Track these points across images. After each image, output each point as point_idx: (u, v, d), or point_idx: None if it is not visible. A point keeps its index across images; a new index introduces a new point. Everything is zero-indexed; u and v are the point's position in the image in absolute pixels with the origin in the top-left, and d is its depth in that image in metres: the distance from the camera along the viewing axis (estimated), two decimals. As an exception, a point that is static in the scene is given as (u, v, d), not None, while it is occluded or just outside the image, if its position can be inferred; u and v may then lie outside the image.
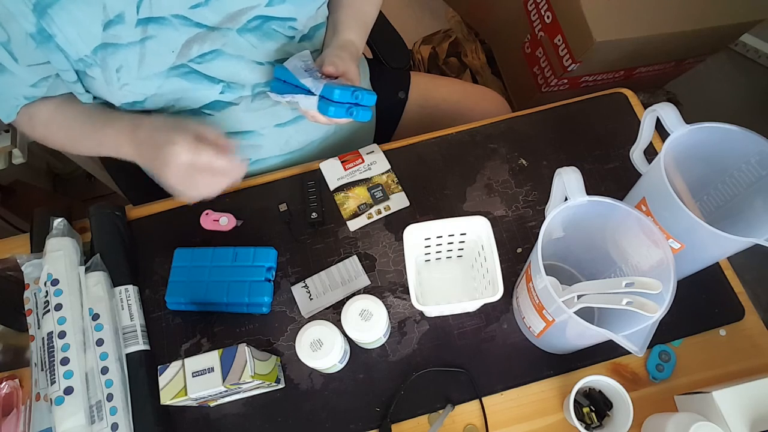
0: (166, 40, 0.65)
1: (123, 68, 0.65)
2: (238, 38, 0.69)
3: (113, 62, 0.64)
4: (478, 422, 0.69)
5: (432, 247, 0.71)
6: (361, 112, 0.66)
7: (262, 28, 0.70)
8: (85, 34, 0.61)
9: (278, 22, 0.71)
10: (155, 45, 0.65)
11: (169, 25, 0.64)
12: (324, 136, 0.88)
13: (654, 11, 1.17)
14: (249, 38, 0.70)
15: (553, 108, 0.88)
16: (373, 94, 0.67)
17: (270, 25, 0.70)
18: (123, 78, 0.66)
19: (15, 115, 0.72)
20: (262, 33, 0.70)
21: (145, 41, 0.64)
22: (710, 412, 0.61)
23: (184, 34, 0.66)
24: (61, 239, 0.73)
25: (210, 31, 0.67)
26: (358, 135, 0.97)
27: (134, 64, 0.65)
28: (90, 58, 0.63)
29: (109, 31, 0.62)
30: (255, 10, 0.68)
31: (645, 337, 0.52)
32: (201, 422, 0.70)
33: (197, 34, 0.67)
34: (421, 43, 1.67)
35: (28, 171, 1.52)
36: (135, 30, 0.63)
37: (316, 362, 0.63)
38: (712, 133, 0.59)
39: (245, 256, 0.76)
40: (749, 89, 1.72)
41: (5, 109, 0.71)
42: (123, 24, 0.62)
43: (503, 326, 0.73)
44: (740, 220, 0.65)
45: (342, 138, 0.93)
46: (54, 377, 0.64)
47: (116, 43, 0.63)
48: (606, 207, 0.58)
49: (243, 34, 0.69)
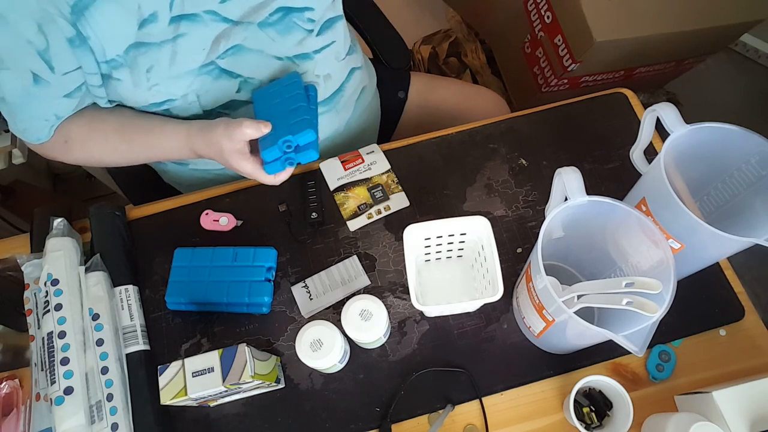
0: (197, 37, 0.65)
1: (154, 68, 0.64)
2: (258, 32, 0.69)
3: (144, 62, 0.64)
4: (478, 422, 0.69)
5: (432, 247, 0.71)
6: (302, 156, 0.65)
7: (283, 21, 0.70)
8: (120, 34, 0.61)
9: (297, 13, 0.71)
10: (187, 43, 0.64)
11: (200, 21, 0.64)
12: (332, 135, 0.88)
13: (654, 11, 1.17)
14: (269, 32, 0.70)
15: (553, 108, 0.88)
16: (308, 132, 0.64)
17: (290, 17, 0.70)
18: (153, 78, 0.65)
19: (49, 135, 0.69)
20: (283, 26, 0.70)
21: (177, 39, 0.64)
22: (710, 412, 0.61)
23: (213, 30, 0.66)
24: (61, 239, 0.73)
25: (234, 25, 0.67)
26: (367, 134, 0.98)
27: (165, 63, 0.65)
28: (121, 58, 0.63)
29: (143, 29, 0.61)
30: (276, 1, 0.68)
31: (645, 337, 0.52)
32: (201, 422, 0.70)
33: (224, 30, 0.67)
34: (421, 43, 1.67)
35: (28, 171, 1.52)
36: (168, 28, 0.62)
37: (316, 362, 0.63)
38: (712, 133, 0.59)
39: (245, 256, 0.76)
40: (749, 89, 1.72)
41: (35, 128, 0.68)
42: (156, 22, 0.61)
43: (503, 326, 0.73)
44: (740, 220, 0.65)
45: (349, 137, 0.93)
46: (54, 377, 0.64)
47: (149, 42, 0.62)
48: (606, 207, 0.58)
49: (264, 28, 0.69)
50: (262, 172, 0.67)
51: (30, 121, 0.67)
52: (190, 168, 0.87)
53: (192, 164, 0.86)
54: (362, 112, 0.93)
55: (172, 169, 0.89)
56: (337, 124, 0.87)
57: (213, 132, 0.66)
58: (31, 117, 0.67)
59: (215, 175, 0.88)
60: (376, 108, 1.00)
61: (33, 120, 0.67)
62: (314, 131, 0.65)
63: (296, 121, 0.65)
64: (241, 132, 0.63)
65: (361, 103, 0.91)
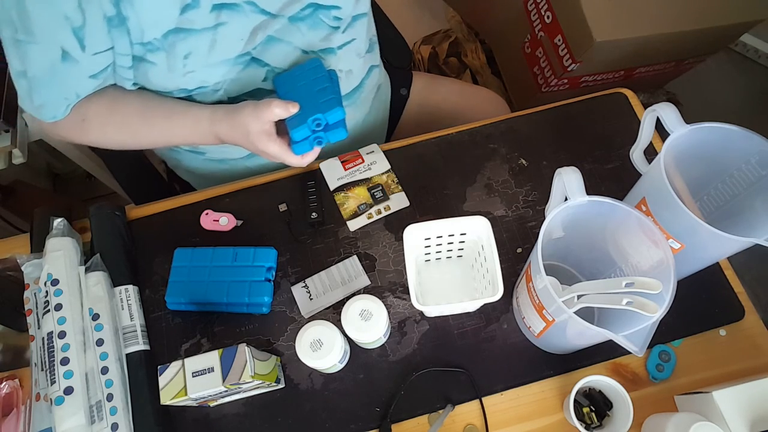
0: (237, 27, 0.65)
1: (192, 54, 0.64)
2: (289, 25, 0.70)
3: (182, 48, 0.63)
4: (478, 422, 0.69)
5: (432, 247, 0.71)
6: (331, 134, 0.66)
7: (312, 17, 0.71)
8: (161, 18, 0.60)
9: (325, 11, 0.71)
10: (227, 32, 0.64)
11: (240, 11, 0.64)
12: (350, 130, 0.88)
13: (654, 11, 1.17)
14: (300, 26, 0.70)
15: (553, 108, 0.88)
16: (339, 109, 0.65)
17: (318, 14, 0.71)
18: (190, 65, 0.65)
19: (65, 113, 0.67)
20: (311, 22, 0.71)
21: (217, 27, 0.64)
22: (710, 412, 0.61)
23: (252, 21, 0.66)
24: (61, 239, 0.73)
25: (272, 18, 0.67)
26: (377, 131, 0.99)
27: (204, 50, 0.64)
28: (158, 42, 0.62)
29: (185, 15, 0.61)
30: None
31: (645, 337, 0.52)
32: (201, 422, 0.70)
33: (262, 22, 0.67)
34: (421, 43, 1.67)
35: (28, 171, 1.52)
36: (209, 15, 0.62)
37: (316, 362, 0.63)
38: (712, 133, 0.59)
39: (245, 256, 0.76)
40: (749, 89, 1.72)
41: (52, 106, 0.66)
42: (198, 8, 0.61)
43: (503, 326, 0.73)
44: (740, 220, 0.65)
45: (363, 133, 0.93)
46: (54, 377, 0.64)
47: (189, 29, 0.62)
48: (606, 207, 0.58)
49: (294, 22, 0.70)
50: (290, 153, 0.67)
51: (49, 98, 0.65)
52: (205, 158, 0.87)
53: (208, 153, 0.86)
54: (377, 110, 0.94)
55: (187, 158, 0.89)
56: (356, 120, 0.88)
57: (240, 114, 0.66)
58: (51, 94, 0.65)
59: (230, 165, 0.88)
60: (387, 106, 1.01)
61: (52, 97, 0.65)
62: (343, 109, 0.66)
63: (325, 100, 0.66)
64: (270, 112, 0.63)
65: (377, 100, 0.92)
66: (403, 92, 1.04)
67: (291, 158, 0.68)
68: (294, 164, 0.69)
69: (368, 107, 0.90)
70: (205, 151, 0.85)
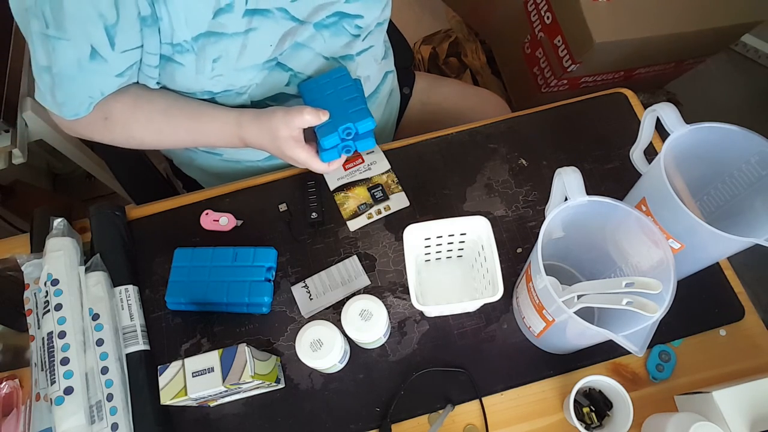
0: (268, 32, 0.66)
1: (222, 58, 0.64)
2: (314, 32, 0.70)
3: (212, 51, 0.63)
4: (478, 422, 0.69)
5: (432, 247, 0.71)
6: (360, 143, 0.68)
7: (336, 24, 0.71)
8: (194, 20, 0.61)
9: (348, 19, 0.72)
10: (258, 37, 0.65)
11: (272, 17, 0.65)
12: None
13: (654, 12, 1.17)
14: (323, 33, 0.71)
15: (553, 108, 0.88)
16: (369, 120, 0.67)
17: (342, 22, 0.72)
18: (219, 68, 0.66)
19: (88, 110, 0.66)
20: (335, 29, 0.72)
21: (249, 33, 0.64)
22: (710, 412, 0.61)
23: (282, 27, 0.67)
24: (61, 239, 0.73)
25: (300, 25, 0.68)
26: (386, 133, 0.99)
27: (234, 55, 0.65)
28: (188, 44, 0.62)
29: (218, 19, 0.61)
30: (335, 5, 0.69)
31: (645, 337, 0.52)
32: (201, 422, 0.70)
33: (291, 28, 0.67)
34: (421, 43, 1.67)
35: (28, 171, 1.52)
36: (241, 20, 0.63)
37: (316, 362, 0.63)
38: (712, 133, 0.59)
39: (245, 256, 0.76)
40: (749, 89, 1.72)
41: (75, 103, 0.65)
42: (231, 13, 0.61)
43: (503, 326, 0.73)
44: (740, 220, 0.65)
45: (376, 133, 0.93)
46: (54, 377, 0.64)
47: (221, 33, 0.62)
48: (606, 207, 0.58)
49: (319, 29, 0.70)
50: (317, 160, 0.68)
51: (72, 95, 0.65)
52: (221, 159, 0.87)
53: (225, 155, 0.86)
54: (389, 114, 0.96)
55: (202, 158, 0.88)
56: None
57: (270, 119, 0.66)
58: (76, 91, 0.64)
59: (246, 167, 0.88)
60: (397, 108, 1.02)
61: (76, 94, 0.65)
62: (373, 120, 0.67)
63: (356, 110, 0.68)
64: (302, 119, 0.65)
65: (390, 104, 0.94)
66: (406, 91, 1.05)
67: (318, 165, 0.69)
68: (320, 171, 0.70)
69: (381, 112, 0.91)
70: (223, 152, 0.85)
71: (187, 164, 0.94)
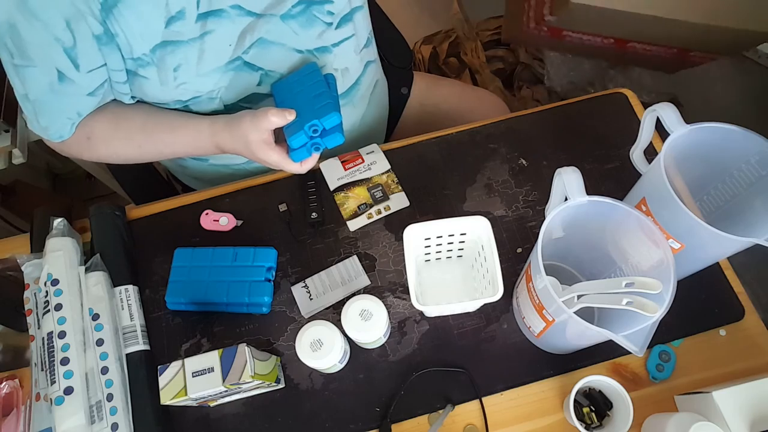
0: (224, 33, 0.65)
1: (182, 66, 0.65)
2: (281, 25, 0.69)
3: (172, 61, 0.64)
4: (478, 422, 0.69)
5: (432, 247, 0.71)
6: (328, 140, 0.66)
7: (304, 13, 0.70)
8: (147, 33, 0.61)
9: (317, 6, 0.71)
10: (214, 39, 0.65)
11: (226, 17, 0.64)
12: (349, 129, 0.89)
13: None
14: (291, 24, 0.70)
15: (553, 108, 0.88)
16: (334, 114, 0.65)
17: (311, 10, 0.71)
18: (180, 77, 0.66)
19: (71, 131, 0.69)
20: (304, 19, 0.71)
21: (204, 36, 0.64)
22: (710, 412, 0.61)
23: (239, 24, 0.66)
24: (61, 239, 0.73)
25: (258, 18, 0.67)
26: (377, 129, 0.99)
27: (193, 61, 0.65)
28: (147, 57, 0.63)
29: (171, 28, 0.61)
30: None
31: (645, 337, 0.52)
32: (201, 422, 0.70)
33: (249, 24, 0.67)
34: (421, 43, 1.67)
35: (28, 171, 1.52)
36: (195, 26, 0.63)
37: (316, 362, 0.63)
38: (712, 133, 0.59)
39: (245, 256, 0.76)
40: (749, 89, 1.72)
41: (57, 126, 0.68)
42: (184, 19, 0.62)
43: (503, 326, 0.73)
44: (740, 220, 0.65)
45: (363, 132, 0.93)
46: (54, 377, 0.64)
47: (177, 41, 0.63)
48: (606, 207, 0.58)
49: (286, 20, 0.70)
50: (289, 161, 0.67)
51: (53, 119, 0.67)
52: (209, 164, 0.87)
53: (212, 159, 0.86)
54: (375, 107, 0.94)
55: (192, 165, 0.89)
56: (354, 118, 0.88)
57: (239, 124, 0.66)
58: (54, 114, 0.67)
59: (234, 170, 0.88)
60: (386, 103, 1.01)
61: (56, 117, 0.67)
62: (339, 114, 0.66)
63: (321, 105, 0.66)
64: (267, 120, 0.64)
65: (375, 97, 0.92)
66: (404, 91, 1.04)
67: (290, 166, 0.68)
68: (294, 171, 0.69)
69: (365, 105, 0.89)
70: (209, 158, 0.85)
71: (180, 173, 0.95)
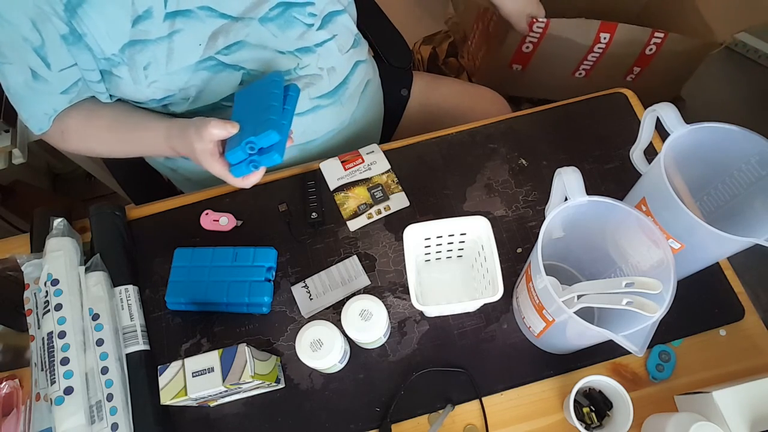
0: (193, 33, 0.65)
1: (151, 65, 0.65)
2: (260, 28, 0.70)
3: (141, 59, 0.64)
4: (478, 422, 0.69)
5: (432, 247, 0.71)
6: (265, 159, 0.62)
7: (283, 15, 0.71)
8: (114, 32, 0.61)
9: (298, 8, 0.71)
10: (183, 39, 0.65)
11: (195, 17, 0.65)
12: (338, 128, 0.88)
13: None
14: (270, 27, 0.70)
15: (553, 108, 0.88)
16: (271, 133, 0.60)
17: (291, 12, 0.71)
18: (151, 75, 0.66)
19: (48, 125, 0.71)
20: (283, 21, 0.71)
21: (173, 35, 0.64)
22: (710, 412, 0.61)
23: (210, 26, 0.66)
24: (61, 239, 0.73)
25: (234, 21, 0.68)
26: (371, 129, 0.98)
27: (162, 60, 0.65)
28: (117, 57, 0.63)
29: (138, 27, 0.62)
30: None
31: (645, 337, 0.52)
32: (201, 422, 0.70)
33: (222, 26, 0.67)
34: (421, 43, 1.67)
35: (28, 171, 1.52)
36: (163, 25, 0.63)
37: (316, 362, 0.63)
38: (712, 133, 0.59)
39: (245, 256, 0.76)
40: (749, 89, 1.72)
41: (37, 120, 0.71)
42: (151, 19, 0.62)
43: (503, 326, 0.73)
44: (740, 220, 0.65)
45: (354, 131, 0.93)
46: (54, 377, 0.64)
47: (144, 40, 0.63)
48: (606, 207, 0.58)
49: (265, 23, 0.70)
50: (230, 175, 0.65)
51: (31, 113, 0.70)
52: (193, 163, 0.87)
53: None
54: (367, 106, 0.93)
55: (183, 165, 0.89)
56: (343, 117, 0.88)
57: (187, 131, 0.65)
58: (33, 109, 0.69)
59: None
60: (380, 102, 1.00)
61: (34, 111, 0.70)
62: (277, 133, 0.60)
63: (262, 121, 0.61)
64: (208, 132, 0.62)
65: (366, 96, 0.92)
66: (404, 93, 1.04)
67: (232, 180, 0.65)
68: (236, 185, 0.67)
69: (355, 104, 0.89)
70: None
71: (173, 177, 0.95)
